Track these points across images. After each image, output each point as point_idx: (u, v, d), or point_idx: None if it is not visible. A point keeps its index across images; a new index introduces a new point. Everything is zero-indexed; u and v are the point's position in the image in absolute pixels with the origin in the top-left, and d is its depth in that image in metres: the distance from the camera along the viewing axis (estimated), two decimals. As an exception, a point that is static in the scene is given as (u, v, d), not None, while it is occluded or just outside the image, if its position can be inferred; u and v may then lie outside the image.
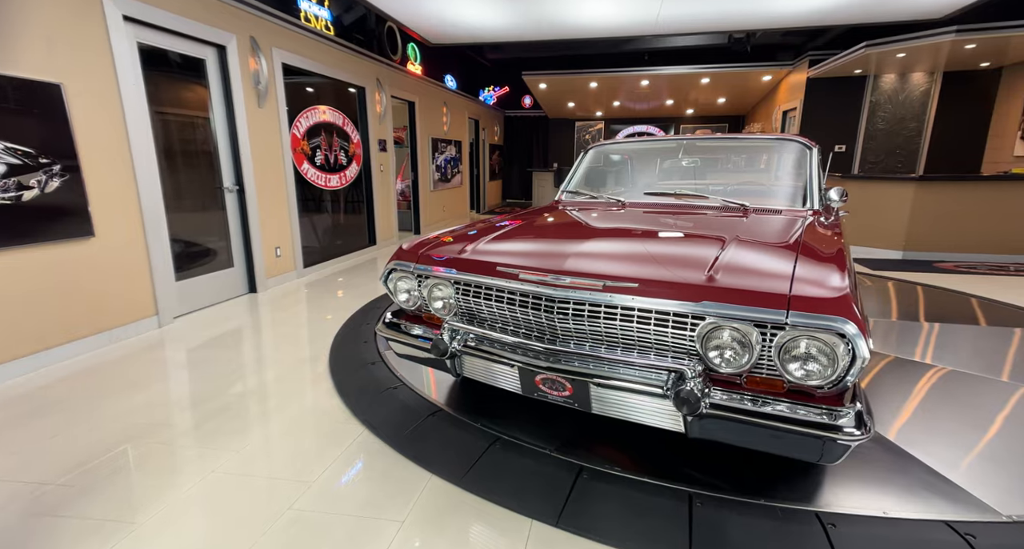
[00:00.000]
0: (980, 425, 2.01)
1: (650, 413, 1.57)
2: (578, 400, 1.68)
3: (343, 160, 5.55)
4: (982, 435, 1.93)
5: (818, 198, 2.37)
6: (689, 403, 1.37)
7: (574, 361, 1.65)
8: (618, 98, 10.13)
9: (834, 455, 1.32)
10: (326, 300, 4.10)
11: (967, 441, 1.89)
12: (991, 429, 1.97)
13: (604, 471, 1.73)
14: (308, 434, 2.04)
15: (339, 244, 5.68)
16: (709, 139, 2.77)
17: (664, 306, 1.46)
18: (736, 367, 1.41)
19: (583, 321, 1.60)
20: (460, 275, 1.85)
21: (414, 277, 2.01)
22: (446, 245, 2.06)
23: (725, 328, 1.40)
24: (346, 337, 3.12)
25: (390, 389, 2.39)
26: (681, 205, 2.49)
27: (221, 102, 3.89)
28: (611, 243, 1.85)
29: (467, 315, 1.92)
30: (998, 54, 5.69)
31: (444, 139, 8.64)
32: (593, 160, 3.14)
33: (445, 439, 1.96)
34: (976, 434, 1.94)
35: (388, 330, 2.10)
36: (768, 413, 1.34)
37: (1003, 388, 2.34)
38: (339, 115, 5.42)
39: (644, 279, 1.53)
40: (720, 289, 1.42)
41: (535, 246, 1.94)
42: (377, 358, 2.76)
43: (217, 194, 3.94)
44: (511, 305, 1.74)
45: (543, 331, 1.71)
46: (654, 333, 1.51)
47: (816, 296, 1.33)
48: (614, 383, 1.56)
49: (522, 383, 1.78)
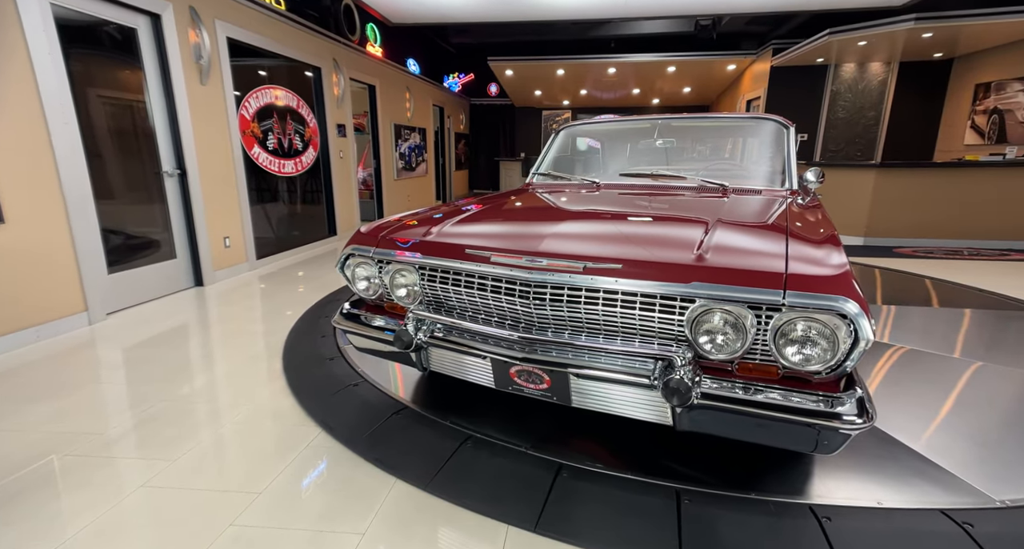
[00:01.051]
0: (956, 407, 1.99)
1: (635, 405, 1.44)
2: (557, 393, 1.55)
3: (298, 145, 5.22)
4: (959, 416, 1.91)
5: (796, 178, 2.30)
6: (679, 393, 1.25)
7: (551, 351, 1.51)
8: (585, 86, 10.03)
9: (834, 445, 1.22)
10: (281, 293, 3.83)
11: (946, 423, 1.86)
12: (964, 410, 1.96)
13: (585, 469, 1.61)
14: (256, 439, 1.83)
15: (296, 235, 5.37)
16: (685, 118, 2.67)
17: (650, 288, 1.33)
18: (729, 353, 1.29)
19: (561, 307, 1.45)
20: (425, 259, 1.67)
21: (374, 263, 1.82)
22: (409, 228, 1.88)
23: (716, 311, 1.28)
24: (302, 332, 2.89)
25: (350, 386, 2.19)
26: (658, 186, 2.38)
27: (157, 78, 3.53)
28: (590, 224, 1.71)
29: (433, 303, 1.74)
30: (950, 45, 5.86)
31: (408, 126, 8.34)
32: (565, 142, 3.00)
33: (411, 439, 1.79)
34: (953, 416, 1.92)
35: (346, 322, 1.91)
36: (764, 402, 1.23)
37: (958, 365, 2.35)
38: (293, 97, 5.08)
39: (628, 260, 1.40)
40: (711, 269, 1.30)
41: (507, 228, 1.78)
42: (336, 353, 2.55)
43: (156, 179, 3.59)
44: (482, 291, 1.58)
45: (517, 319, 1.56)
46: (639, 318, 1.38)
47: (814, 274, 1.22)
48: (596, 373, 1.43)
49: (495, 376, 1.63)
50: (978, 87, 6.04)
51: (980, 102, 6.04)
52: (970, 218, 5.22)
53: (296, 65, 5.20)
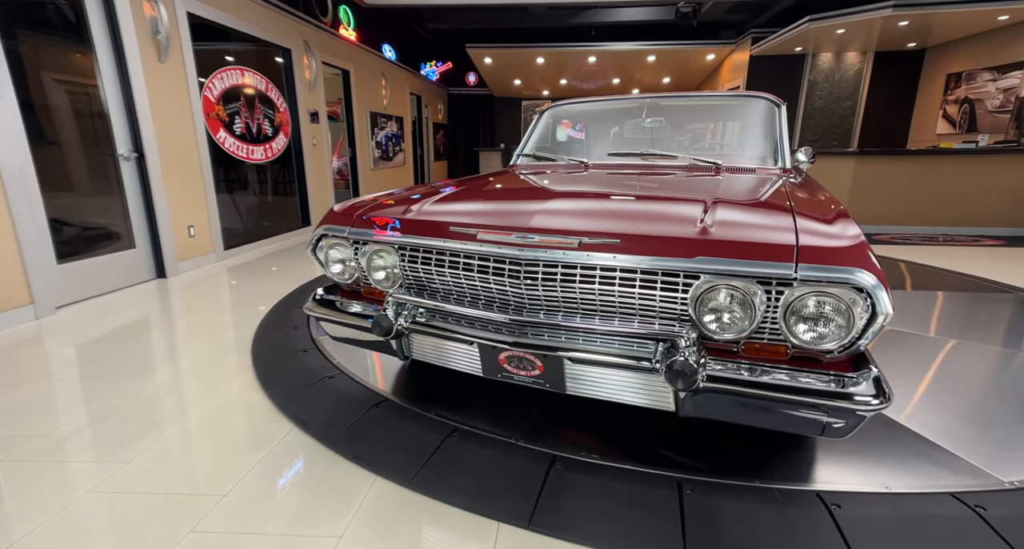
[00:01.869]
0: (943, 386, 1.96)
1: (634, 391, 1.35)
2: (550, 380, 1.44)
3: (268, 130, 4.97)
4: (948, 395, 1.88)
5: (788, 157, 2.24)
6: (684, 376, 1.15)
7: (544, 334, 1.40)
8: (565, 76, 9.91)
9: (847, 428, 1.15)
10: (251, 285, 3.63)
11: (939, 403, 1.82)
12: (951, 388, 1.93)
13: (580, 460, 1.51)
14: (222, 437, 1.68)
15: (268, 225, 5.13)
16: (673, 97, 2.59)
17: (651, 264, 1.24)
18: (735, 333, 1.21)
19: (555, 287, 1.35)
20: (406, 238, 1.54)
21: (349, 244, 1.68)
22: (387, 207, 1.74)
23: (722, 287, 1.19)
24: (273, 323, 2.72)
25: (325, 379, 2.05)
26: (649, 166, 2.29)
27: (109, 53, 3.28)
28: (583, 201, 1.60)
29: (415, 286, 1.62)
30: (923, 34, 5.94)
31: (384, 114, 8.10)
32: (549, 123, 2.88)
33: (392, 433, 1.67)
34: (943, 395, 1.88)
35: (320, 309, 1.76)
36: (775, 384, 1.15)
37: (934, 343, 2.34)
38: (261, 79, 4.83)
39: (627, 235, 1.29)
40: (717, 242, 1.21)
41: (494, 205, 1.66)
42: (310, 344, 2.40)
43: (111, 163, 3.34)
44: (468, 272, 1.46)
45: (507, 301, 1.45)
46: (639, 297, 1.28)
47: (828, 246, 1.14)
48: (592, 358, 1.33)
49: (483, 363, 1.52)
50: (949, 77, 6.16)
51: (951, 92, 6.15)
52: (945, 205, 5.31)
53: (264, 46, 4.94)
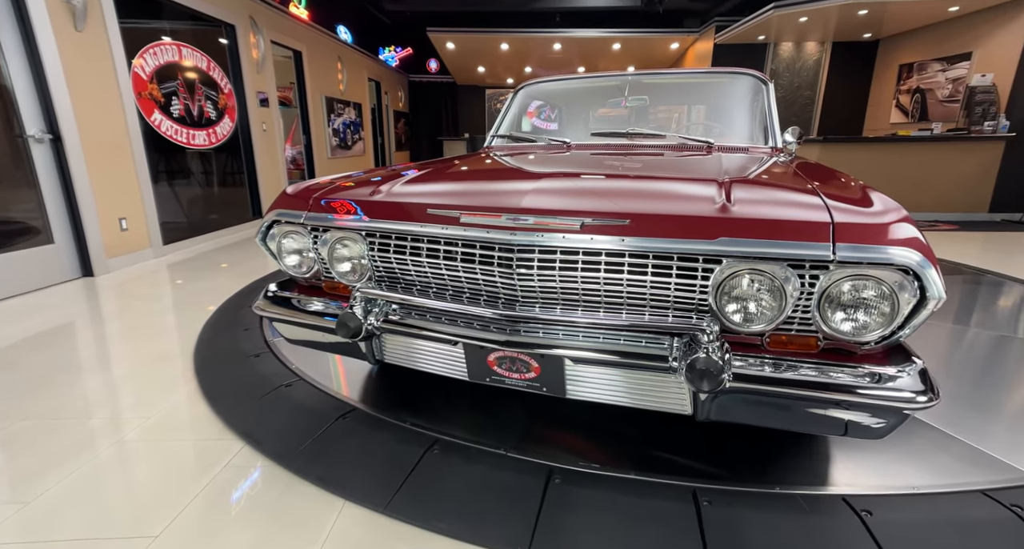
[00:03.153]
0: (951, 373, 1.91)
1: (645, 393, 1.19)
2: (547, 383, 1.26)
3: (211, 113, 4.54)
4: (961, 384, 1.83)
5: (779, 136, 2.13)
6: (709, 376, 0.99)
7: (538, 331, 1.22)
8: (529, 64, 9.71)
9: (888, 428, 1.03)
10: (194, 283, 3.27)
11: (953, 394, 1.76)
12: (947, 374, 1.88)
13: (581, 471, 1.34)
14: (155, 463, 1.41)
15: (215, 217, 4.71)
16: (657, 74, 2.44)
17: (666, 248, 1.07)
18: (763, 324, 1.06)
19: (553, 276, 1.16)
20: (376, 223, 1.32)
21: (307, 231, 1.44)
22: (349, 189, 1.51)
23: (747, 273, 1.04)
24: (220, 326, 2.42)
25: (281, 388, 1.80)
26: (636, 145, 2.13)
27: (10, 17, 2.83)
28: (580, 180, 1.42)
29: (387, 279, 1.40)
30: (877, 25, 6.08)
31: (341, 99, 7.67)
32: (526, 101, 2.68)
33: (363, 449, 1.45)
34: (957, 385, 1.83)
35: (273, 308, 1.52)
36: (815, 382, 1.01)
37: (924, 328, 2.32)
38: (202, 57, 4.40)
39: (637, 214, 1.12)
40: (741, 221, 1.05)
41: (477, 185, 1.46)
42: (263, 348, 2.12)
43: (19, 145, 2.91)
44: (450, 261, 1.26)
45: (496, 294, 1.25)
46: (651, 286, 1.11)
47: (868, 222, 1.00)
48: (598, 357, 1.15)
49: (469, 366, 1.32)
50: (902, 67, 6.35)
51: (904, 82, 6.35)
52: (903, 191, 5.46)
53: (205, 21, 4.49)
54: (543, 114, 2.70)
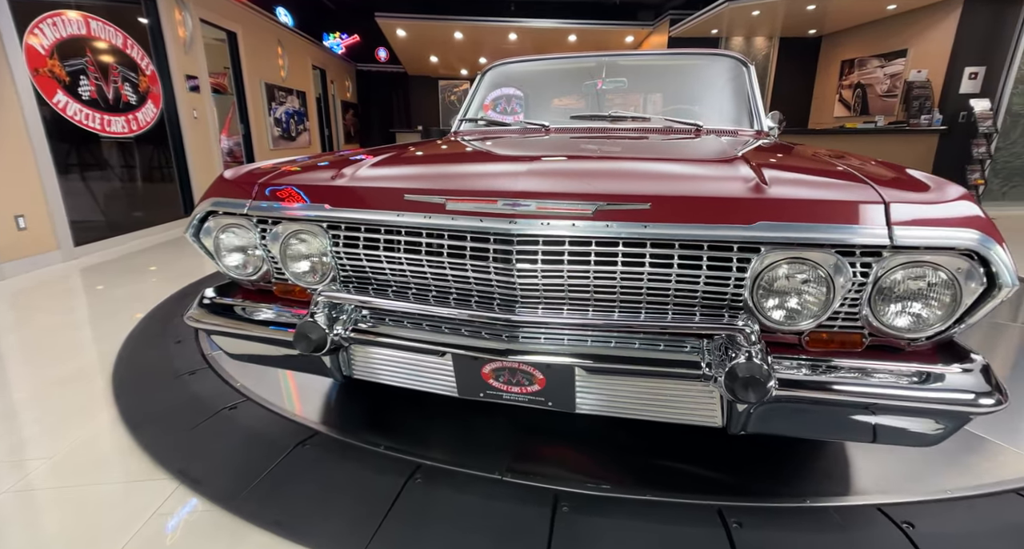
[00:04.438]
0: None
1: (668, 405, 1.03)
2: (553, 397, 1.08)
3: (131, 97, 4.04)
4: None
5: (764, 119, 2.05)
6: (755, 384, 0.84)
7: (540, 338, 1.04)
8: (484, 54, 9.46)
9: (945, 434, 0.92)
10: (115, 288, 2.86)
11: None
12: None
13: (590, 494, 1.17)
14: (63, 514, 1.12)
15: (139, 215, 4.21)
16: (634, 55, 2.30)
17: (695, 234, 0.91)
18: (807, 321, 0.92)
19: (560, 271, 0.98)
20: (341, 213, 1.09)
21: (252, 224, 1.19)
22: (301, 173, 1.26)
23: (791, 262, 0.90)
24: (147, 338, 2.08)
25: (224, 411, 1.52)
26: (620, 129, 1.98)
27: None
28: (576, 162, 1.24)
29: (355, 280, 1.17)
30: (821, 21, 6.29)
31: (283, 87, 7.15)
32: (494, 84, 2.48)
33: (329, 483, 1.22)
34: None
35: (211, 318, 1.25)
36: (871, 385, 0.88)
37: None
38: (117, 33, 3.89)
39: (660, 197, 0.96)
40: (783, 202, 0.91)
41: (463, 167, 1.26)
42: (201, 363, 1.82)
43: None
44: (434, 256, 1.05)
45: (490, 294, 1.06)
46: (676, 280, 0.95)
47: (927, 201, 0.88)
48: (616, 365, 0.98)
49: (460, 380, 1.12)
50: (844, 63, 6.61)
51: (846, 77, 6.61)
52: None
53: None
54: (499, 107, 2.46)
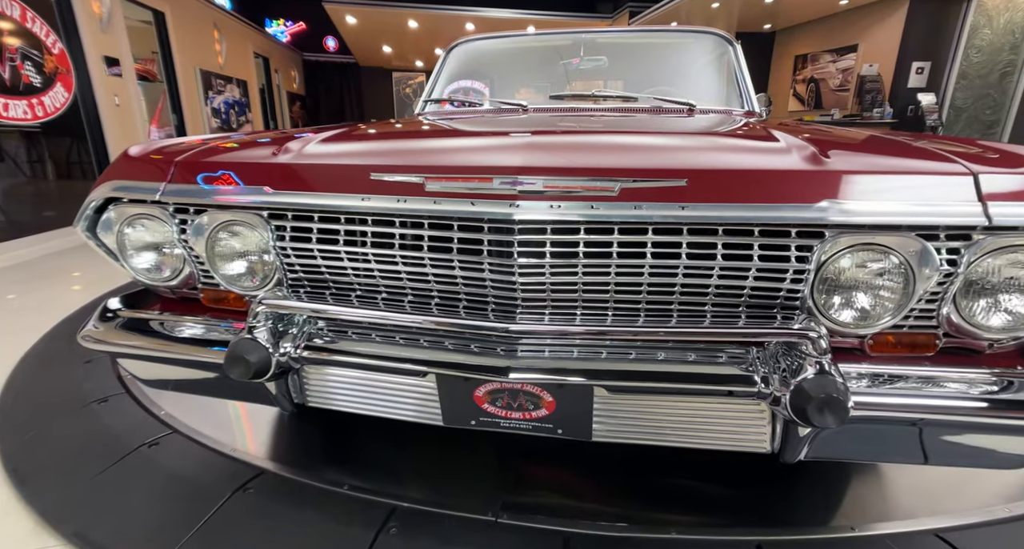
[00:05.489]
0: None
1: (706, 429, 0.84)
2: (565, 423, 0.87)
3: (34, 79, 3.52)
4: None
5: (753, 99, 1.92)
6: (833, 405, 0.67)
7: (544, 351, 0.83)
8: (440, 45, 9.12)
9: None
10: (10, 299, 2.43)
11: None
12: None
13: (605, 535, 0.97)
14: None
15: (50, 215, 3.69)
16: (614, 32, 2.13)
17: (744, 216, 0.73)
18: (881, 321, 0.75)
19: (575, 266, 0.78)
20: (286, 197, 0.85)
21: (170, 214, 0.92)
22: (234, 149, 1.00)
23: (862, 250, 0.73)
24: (47, 358, 1.72)
25: (143, 449, 1.22)
26: (604, 109, 1.79)
27: None
28: (589, 135, 1.03)
29: (307, 284, 0.92)
30: (775, 16, 6.39)
31: (221, 75, 6.59)
32: (462, 62, 2.24)
33: (279, 538, 0.96)
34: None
35: (117, 336, 0.97)
36: (969, 399, 0.72)
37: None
38: (12, 3, 3.36)
39: (700, 171, 0.77)
40: (854, 175, 0.74)
41: (442, 141, 1.03)
42: (116, 388, 1.49)
43: None
44: (411, 251, 0.82)
45: (482, 298, 0.85)
46: (720, 275, 0.76)
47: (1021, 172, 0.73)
48: (648, 384, 0.79)
49: (446, 406, 0.89)
50: (797, 58, 6.76)
51: (799, 72, 6.76)
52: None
53: (18, -45, 3.45)
54: (455, 104, 2.06)
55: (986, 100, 5.30)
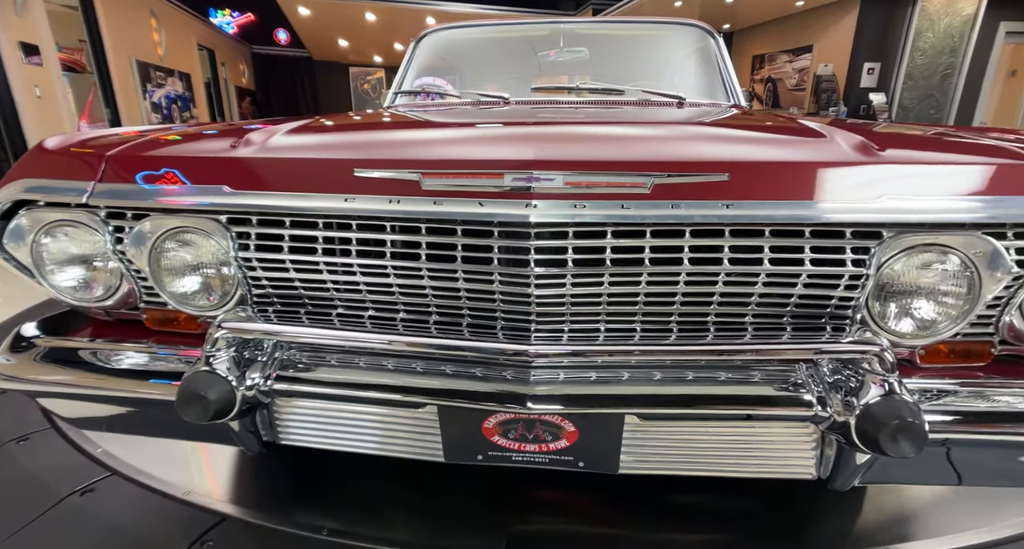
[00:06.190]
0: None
1: (744, 456, 0.75)
2: (588, 455, 0.76)
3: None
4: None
5: (739, 92, 1.87)
6: (909, 430, 0.59)
7: (559, 375, 0.71)
8: (399, 39, 8.84)
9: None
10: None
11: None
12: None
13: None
14: None
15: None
16: (594, 22, 2.04)
17: (796, 215, 0.64)
18: (943, 330, 0.68)
19: (600, 274, 0.67)
20: (251, 198, 0.70)
21: (101, 221, 0.75)
22: (181, 142, 0.84)
23: (924, 251, 0.65)
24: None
25: (74, 497, 1.03)
26: (590, 102, 1.69)
27: None
28: (597, 126, 0.92)
29: (278, 301, 0.77)
30: (733, 16, 6.52)
31: (161, 67, 6.13)
32: (432, 53, 2.09)
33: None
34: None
35: (36, 369, 0.79)
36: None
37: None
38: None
39: (743, 163, 0.67)
40: (917, 167, 0.66)
41: (437, 133, 0.89)
42: (41, 423, 1.26)
43: None
44: (405, 260, 0.69)
45: (491, 313, 0.73)
46: (765, 283, 0.67)
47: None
48: (691, 410, 0.69)
49: (448, 440, 0.77)
50: (755, 58, 6.92)
51: (757, 72, 6.93)
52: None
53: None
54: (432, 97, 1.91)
55: (930, 100, 5.56)
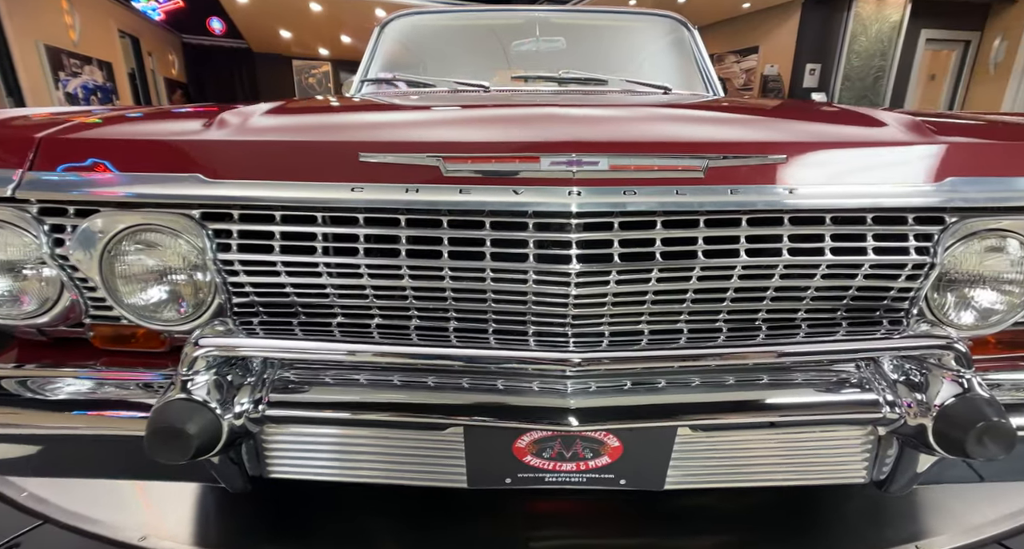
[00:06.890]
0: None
1: (791, 463, 0.70)
2: (631, 471, 0.69)
3: None
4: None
5: (717, 84, 1.87)
6: (996, 432, 0.55)
7: (591, 385, 0.63)
8: (346, 32, 8.48)
9: None
10: None
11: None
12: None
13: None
14: None
15: None
16: (569, 11, 1.98)
17: (860, 201, 0.59)
18: (1004, 320, 0.65)
19: (647, 271, 0.60)
20: (233, 188, 0.57)
21: (32, 218, 0.60)
22: (136, 122, 0.69)
23: (991, 236, 0.62)
24: None
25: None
26: (573, 91, 1.62)
27: None
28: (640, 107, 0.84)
29: (264, 311, 0.65)
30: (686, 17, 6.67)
31: (76, 54, 5.57)
32: (399, 39, 1.97)
33: None
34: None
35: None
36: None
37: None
38: None
39: (802, 143, 0.61)
40: (980, 148, 0.63)
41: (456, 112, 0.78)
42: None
43: None
44: (422, 259, 0.59)
45: (521, 317, 0.64)
46: (824, 274, 0.62)
47: None
48: (754, 417, 0.63)
49: (474, 464, 0.67)
50: (704, 59, 7.13)
51: (706, 72, 7.15)
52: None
53: None
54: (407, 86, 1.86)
55: (864, 101, 5.91)
